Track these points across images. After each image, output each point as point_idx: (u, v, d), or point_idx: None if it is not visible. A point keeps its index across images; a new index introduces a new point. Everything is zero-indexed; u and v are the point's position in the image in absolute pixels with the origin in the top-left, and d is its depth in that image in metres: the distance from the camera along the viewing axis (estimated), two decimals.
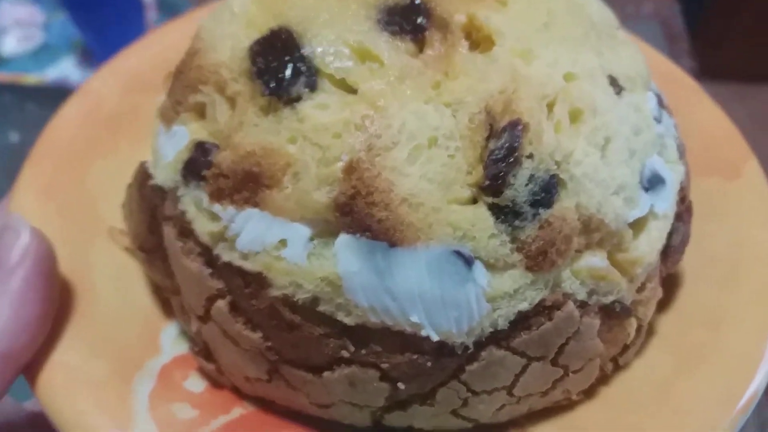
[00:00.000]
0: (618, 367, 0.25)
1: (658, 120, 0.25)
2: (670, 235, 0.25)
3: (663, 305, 0.27)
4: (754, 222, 0.28)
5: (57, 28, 0.81)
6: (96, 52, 0.76)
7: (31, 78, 0.76)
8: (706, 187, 0.29)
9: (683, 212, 0.25)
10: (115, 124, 0.32)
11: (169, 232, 0.23)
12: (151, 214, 0.24)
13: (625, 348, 0.24)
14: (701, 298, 0.27)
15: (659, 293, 0.25)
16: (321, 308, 0.21)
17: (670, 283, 0.27)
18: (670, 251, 0.25)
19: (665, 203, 0.24)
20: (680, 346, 0.25)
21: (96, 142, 0.31)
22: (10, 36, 0.80)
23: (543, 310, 0.21)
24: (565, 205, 0.21)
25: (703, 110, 0.33)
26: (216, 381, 0.25)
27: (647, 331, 0.26)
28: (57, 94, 0.73)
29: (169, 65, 0.30)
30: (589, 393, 0.24)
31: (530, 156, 0.20)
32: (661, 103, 0.28)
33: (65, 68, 0.77)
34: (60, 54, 0.79)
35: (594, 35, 0.25)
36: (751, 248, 0.27)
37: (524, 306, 0.21)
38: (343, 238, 0.20)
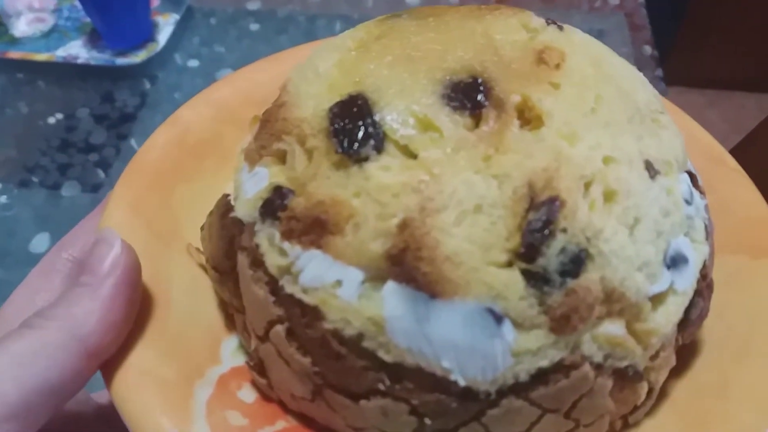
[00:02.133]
0: (627, 425, 0.27)
1: (688, 202, 0.27)
2: (688, 309, 0.27)
3: (678, 371, 0.28)
4: None
5: (66, 12, 0.87)
6: (104, 35, 0.81)
7: (42, 56, 0.82)
8: (732, 263, 0.31)
9: (703, 289, 0.27)
10: (201, 150, 0.35)
11: (242, 260, 0.27)
12: (229, 242, 0.28)
13: (635, 408, 0.26)
14: (714, 367, 0.28)
15: (673, 361, 0.27)
16: (365, 344, 0.23)
17: (687, 350, 0.29)
18: (687, 324, 0.27)
19: (686, 281, 0.26)
20: (689, 411, 0.27)
21: (182, 167, 0.34)
22: (22, 19, 0.85)
23: (561, 368, 0.23)
24: (591, 276, 0.23)
25: (742, 192, 0.34)
26: (266, 394, 0.28)
27: (660, 394, 0.28)
28: (64, 71, 0.82)
29: (256, 100, 0.34)
30: None
31: (564, 230, 0.23)
32: (695, 183, 0.30)
33: (74, 48, 0.82)
34: (69, 36, 0.84)
35: (638, 120, 0.27)
36: (766, 326, 0.29)
37: (545, 363, 0.23)
38: (391, 285, 0.23)
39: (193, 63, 0.85)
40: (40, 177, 0.73)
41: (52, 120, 0.78)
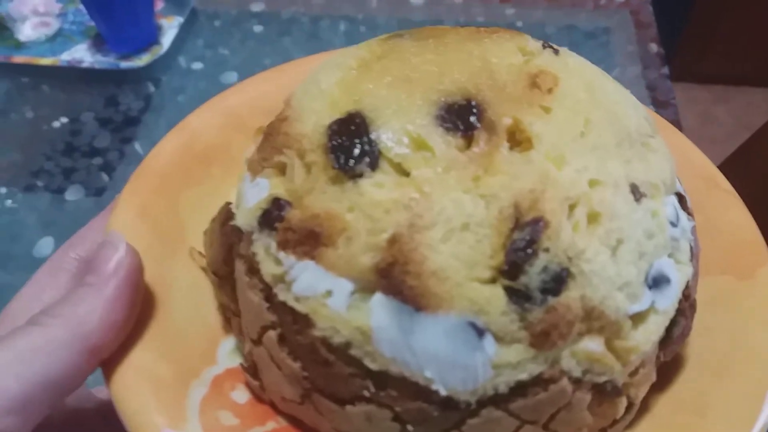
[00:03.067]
0: None
1: (674, 224, 0.28)
2: (670, 327, 0.28)
3: (659, 386, 0.29)
4: (756, 321, 0.30)
5: (71, 16, 0.88)
6: (108, 39, 0.82)
7: (46, 60, 0.83)
8: (718, 284, 0.32)
9: (686, 308, 0.28)
10: (208, 157, 0.37)
11: (239, 266, 0.28)
12: (228, 249, 0.29)
13: (615, 422, 0.27)
14: (695, 384, 0.29)
15: (653, 377, 0.28)
16: (352, 352, 0.24)
17: (670, 367, 0.30)
18: (669, 342, 0.28)
19: (667, 300, 0.27)
20: (667, 426, 0.28)
21: (189, 173, 0.36)
22: (27, 23, 0.87)
23: (540, 381, 0.24)
24: (571, 295, 0.24)
25: (733, 213, 0.35)
26: (258, 396, 0.29)
27: (640, 409, 0.28)
28: (69, 75, 0.82)
29: (263, 109, 0.35)
30: None
31: (547, 249, 0.24)
32: (684, 205, 0.31)
33: (78, 52, 0.83)
34: (74, 40, 0.85)
35: (627, 144, 0.28)
36: (748, 346, 0.29)
37: (524, 376, 0.24)
38: (379, 297, 0.24)
39: (198, 65, 0.86)
40: (44, 181, 0.73)
41: (56, 124, 0.79)
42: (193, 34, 0.90)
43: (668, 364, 0.30)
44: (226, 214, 0.29)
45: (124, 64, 0.82)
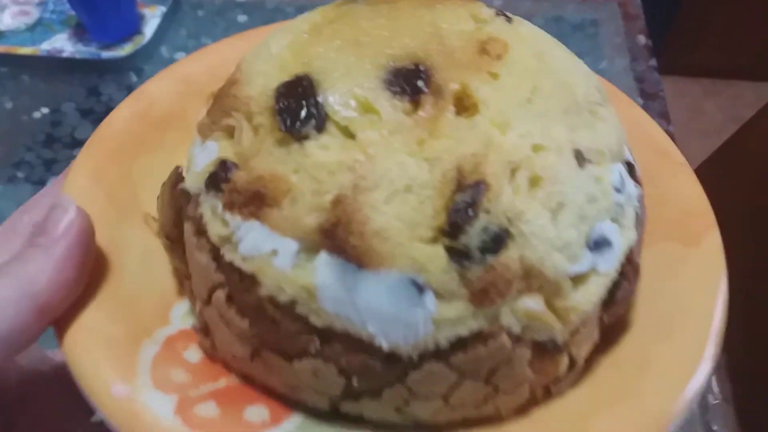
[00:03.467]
0: (551, 395, 0.29)
1: (619, 190, 0.29)
2: (613, 290, 0.29)
3: (604, 348, 0.30)
4: (699, 288, 0.31)
5: (52, 5, 0.86)
6: (89, 28, 0.81)
7: (26, 50, 0.81)
8: (666, 251, 0.33)
9: (629, 272, 0.29)
10: (164, 124, 0.37)
11: (188, 228, 0.28)
12: (177, 211, 0.29)
13: (558, 379, 0.28)
14: (638, 346, 0.30)
15: (595, 337, 0.29)
16: (297, 310, 0.25)
17: (616, 330, 0.31)
18: (612, 304, 0.29)
19: (608, 263, 0.28)
20: (609, 384, 0.29)
21: (144, 139, 0.36)
22: (6, 12, 0.85)
23: (480, 337, 0.25)
24: (510, 255, 0.25)
25: (683, 183, 0.36)
26: (211, 355, 0.29)
27: (585, 368, 0.29)
28: (49, 65, 0.81)
29: (221, 77, 0.35)
30: (521, 411, 0.28)
31: (487, 211, 0.24)
32: (632, 173, 0.31)
33: (59, 41, 0.82)
34: (54, 29, 0.83)
35: (574, 111, 0.29)
36: (690, 310, 0.30)
37: (464, 332, 0.25)
38: (323, 256, 0.24)
39: (181, 56, 0.85)
40: (25, 173, 0.72)
41: (37, 115, 0.78)
42: (176, 23, 0.88)
43: (613, 327, 0.31)
44: (176, 178, 0.30)
45: (106, 54, 0.80)
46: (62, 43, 0.82)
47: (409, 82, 0.27)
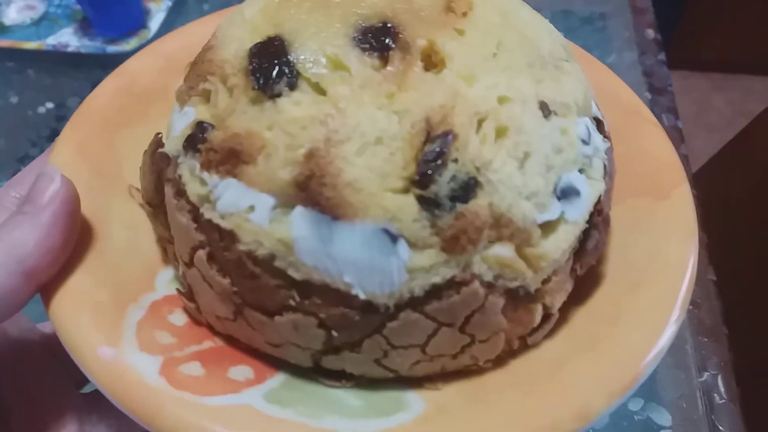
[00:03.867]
0: (527, 346, 0.30)
1: (585, 142, 0.30)
2: (584, 240, 0.29)
3: (578, 300, 0.31)
4: (670, 238, 0.32)
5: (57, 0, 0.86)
6: (95, 22, 0.80)
7: (31, 44, 0.80)
8: (637, 205, 0.34)
9: (599, 223, 0.30)
10: (146, 99, 0.37)
11: (168, 191, 0.29)
12: (158, 176, 0.30)
13: (534, 330, 0.29)
14: (611, 297, 0.31)
15: (569, 288, 0.30)
16: (276, 263, 0.26)
17: (589, 282, 0.32)
18: (583, 254, 0.29)
19: (577, 212, 0.28)
20: (582, 333, 0.30)
21: (127, 113, 0.36)
22: (12, 6, 0.84)
23: (453, 285, 0.26)
24: (479, 202, 0.25)
25: (653, 141, 0.37)
26: (195, 318, 0.30)
27: (560, 319, 0.30)
28: (54, 60, 0.80)
29: None
30: (498, 363, 0.29)
31: (455, 160, 0.25)
32: (600, 128, 0.32)
33: (64, 36, 0.81)
34: (60, 23, 0.83)
35: (539, 65, 0.30)
36: (662, 260, 0.31)
37: (437, 279, 0.25)
38: (298, 210, 0.25)
39: None
40: None
41: (42, 109, 0.77)
42: (181, 17, 0.87)
43: (587, 279, 0.31)
44: (156, 144, 0.30)
45: (111, 49, 0.79)
46: (68, 38, 0.81)
47: (378, 39, 0.27)
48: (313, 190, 0.25)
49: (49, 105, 0.78)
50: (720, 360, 0.58)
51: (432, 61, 0.28)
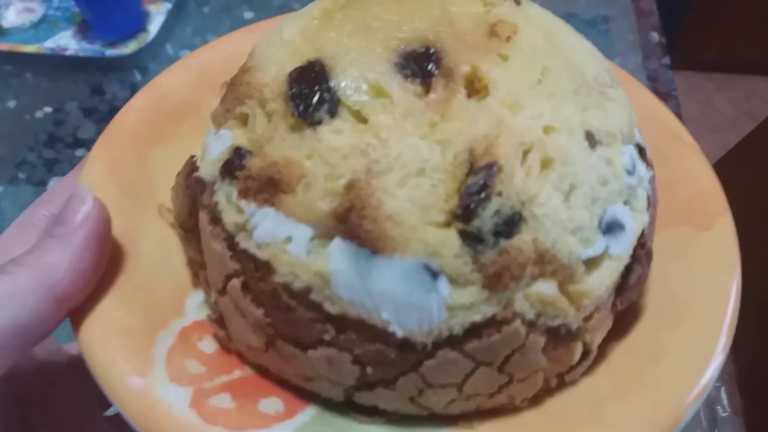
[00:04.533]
0: (564, 384, 0.29)
1: (630, 172, 0.29)
2: (626, 274, 0.28)
3: (617, 334, 0.30)
4: (711, 271, 0.31)
5: (56, 2, 0.85)
6: (94, 25, 0.80)
7: (30, 47, 0.80)
8: (678, 235, 0.33)
9: (642, 256, 0.29)
10: (178, 115, 0.37)
11: (203, 217, 0.28)
12: (192, 201, 0.29)
13: (572, 368, 0.28)
14: (652, 332, 0.30)
15: (609, 324, 0.29)
16: (312, 297, 0.25)
17: (629, 316, 0.31)
18: (625, 289, 0.28)
19: (621, 247, 0.27)
20: (624, 372, 0.29)
21: (158, 130, 0.36)
22: (11, 9, 0.84)
23: (494, 323, 0.25)
24: (523, 238, 0.25)
25: (694, 165, 0.36)
26: (225, 346, 0.29)
27: (597, 356, 0.29)
28: (53, 63, 0.79)
29: (234, 68, 0.35)
30: (534, 401, 0.28)
31: (500, 194, 0.24)
32: (643, 156, 0.31)
33: (63, 39, 0.81)
34: (59, 26, 0.82)
35: (584, 92, 0.29)
36: (703, 294, 0.30)
37: (478, 318, 0.25)
38: (337, 242, 0.24)
39: (186, 53, 0.82)
40: (27, 173, 0.71)
41: (39, 114, 0.77)
42: (181, 20, 0.87)
43: (626, 313, 0.30)
44: (191, 167, 0.30)
45: (110, 52, 0.79)
46: (66, 41, 0.81)
47: (420, 65, 0.27)
48: (352, 223, 0.24)
49: (47, 109, 0.77)
50: (723, 372, 0.57)
51: (475, 87, 0.27)
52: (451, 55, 0.27)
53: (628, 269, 0.28)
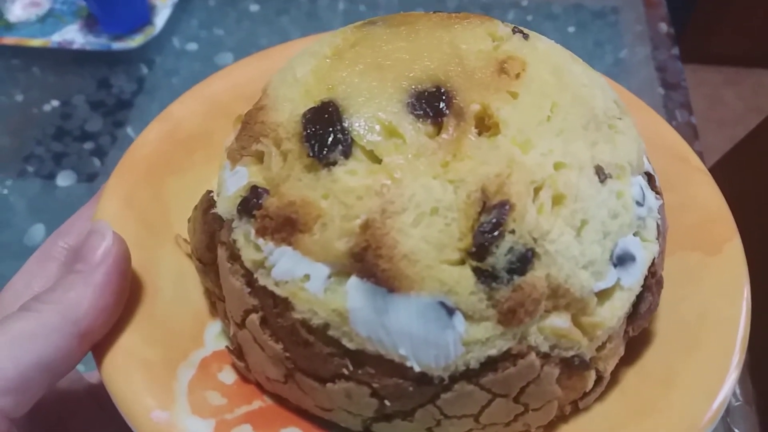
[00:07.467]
0: (577, 410, 0.29)
1: (640, 203, 0.29)
2: (637, 303, 0.29)
3: (629, 360, 0.31)
4: (722, 296, 0.31)
5: None
6: (100, 19, 0.80)
7: (36, 41, 0.80)
8: (687, 260, 0.33)
9: (652, 285, 0.29)
10: (191, 145, 0.37)
11: (221, 253, 0.29)
12: (210, 236, 0.30)
13: (585, 395, 0.29)
14: (663, 358, 0.30)
15: (621, 351, 0.29)
16: (330, 333, 0.26)
17: (640, 341, 0.31)
18: (636, 317, 0.29)
19: (632, 278, 0.28)
20: (636, 398, 0.29)
21: (172, 160, 0.36)
22: (18, 3, 0.85)
23: (509, 357, 0.25)
24: (537, 274, 0.25)
25: (702, 189, 0.36)
26: (244, 376, 0.30)
27: (610, 382, 0.30)
28: (60, 57, 0.80)
29: (245, 96, 0.36)
30: (549, 428, 0.29)
31: (512, 231, 0.25)
32: (652, 184, 0.32)
33: (69, 33, 0.81)
34: (65, 20, 0.83)
35: (593, 126, 0.29)
36: (715, 320, 0.31)
37: (493, 352, 0.25)
38: (354, 280, 0.25)
39: (192, 46, 0.84)
40: (34, 166, 0.72)
41: (47, 107, 0.77)
42: (187, 13, 0.88)
43: (637, 338, 0.31)
44: (208, 202, 0.30)
45: (117, 46, 0.80)
46: (73, 35, 0.81)
47: (431, 104, 0.27)
48: (369, 262, 0.25)
49: (55, 103, 0.78)
50: None
51: (486, 124, 0.27)
52: (462, 94, 0.28)
53: (639, 298, 0.29)
